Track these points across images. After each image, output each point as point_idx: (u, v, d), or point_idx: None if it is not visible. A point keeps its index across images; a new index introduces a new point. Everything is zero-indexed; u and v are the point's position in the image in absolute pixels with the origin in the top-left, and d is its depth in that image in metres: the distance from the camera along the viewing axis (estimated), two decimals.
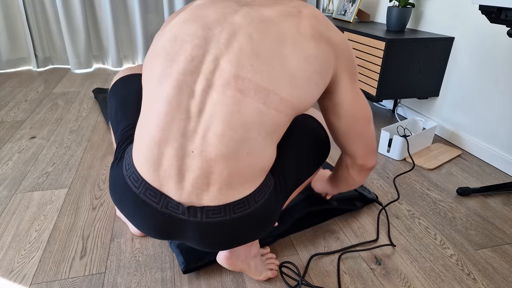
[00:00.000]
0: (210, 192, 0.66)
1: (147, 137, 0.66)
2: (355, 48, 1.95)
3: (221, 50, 0.64)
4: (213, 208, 0.67)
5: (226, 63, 0.63)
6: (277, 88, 0.64)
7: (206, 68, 0.64)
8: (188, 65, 0.65)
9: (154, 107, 0.66)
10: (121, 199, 0.72)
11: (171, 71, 0.65)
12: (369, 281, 0.96)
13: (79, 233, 1.11)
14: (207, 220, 0.67)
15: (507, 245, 1.11)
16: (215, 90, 0.63)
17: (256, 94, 0.63)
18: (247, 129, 0.63)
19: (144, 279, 0.95)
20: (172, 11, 2.87)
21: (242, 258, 0.90)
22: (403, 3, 1.83)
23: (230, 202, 0.67)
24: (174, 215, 0.68)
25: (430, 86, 1.84)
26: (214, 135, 0.63)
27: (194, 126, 0.64)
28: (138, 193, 0.69)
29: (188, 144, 0.64)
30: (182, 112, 0.64)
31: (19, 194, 1.29)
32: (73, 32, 2.77)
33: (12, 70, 2.86)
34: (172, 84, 0.65)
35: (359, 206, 1.24)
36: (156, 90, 0.67)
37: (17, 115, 1.98)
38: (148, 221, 0.70)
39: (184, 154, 0.64)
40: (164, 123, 0.65)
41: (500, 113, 1.55)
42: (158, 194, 0.67)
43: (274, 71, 0.63)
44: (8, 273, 0.96)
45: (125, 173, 0.71)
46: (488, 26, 1.56)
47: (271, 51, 0.64)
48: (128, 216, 0.73)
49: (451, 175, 1.50)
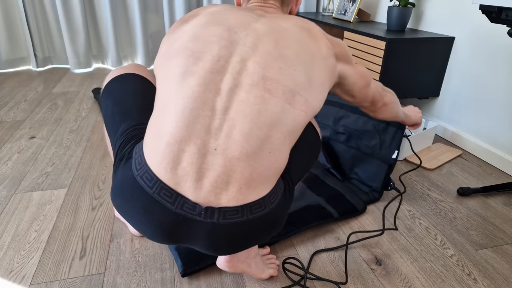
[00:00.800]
0: (229, 191, 0.65)
1: (166, 135, 0.65)
2: (356, 47, 1.95)
3: (248, 53, 0.68)
4: (231, 208, 0.66)
5: (253, 65, 0.67)
6: (302, 90, 0.70)
7: (232, 68, 0.67)
8: (215, 64, 0.67)
9: (175, 104, 0.66)
10: (129, 200, 0.70)
11: (196, 68, 0.67)
12: (369, 282, 0.96)
13: (79, 233, 1.11)
14: (223, 221, 0.66)
15: (507, 245, 1.11)
16: (243, 89, 0.66)
17: (284, 94, 0.67)
18: (272, 128, 0.67)
19: (144, 280, 0.95)
20: (172, 11, 2.87)
21: (242, 259, 0.89)
22: (404, 3, 1.83)
23: (248, 203, 0.67)
24: (189, 217, 0.66)
25: (431, 86, 1.84)
26: (240, 133, 0.64)
27: (219, 123, 0.65)
28: (151, 193, 0.67)
29: (211, 141, 0.64)
30: (208, 109, 0.65)
31: (19, 194, 1.29)
32: (72, 31, 2.77)
33: (11, 70, 2.85)
34: (199, 81, 0.66)
35: (360, 211, 1.23)
36: (178, 87, 0.67)
37: (16, 115, 1.98)
38: (158, 223, 0.68)
39: (206, 151, 0.64)
40: (188, 120, 0.64)
41: (501, 113, 1.55)
42: (174, 194, 0.66)
43: (299, 74, 0.69)
44: (8, 273, 0.96)
45: (136, 172, 0.69)
46: (488, 26, 1.56)
47: (296, 56, 0.70)
48: (134, 219, 0.71)
49: (452, 175, 1.50)
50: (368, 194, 1.32)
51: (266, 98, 0.66)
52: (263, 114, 0.65)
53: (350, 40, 2.00)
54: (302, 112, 0.70)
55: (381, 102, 0.97)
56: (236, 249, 0.73)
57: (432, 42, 1.72)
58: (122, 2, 2.83)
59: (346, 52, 0.83)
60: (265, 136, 0.66)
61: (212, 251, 0.73)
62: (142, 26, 2.85)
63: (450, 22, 1.76)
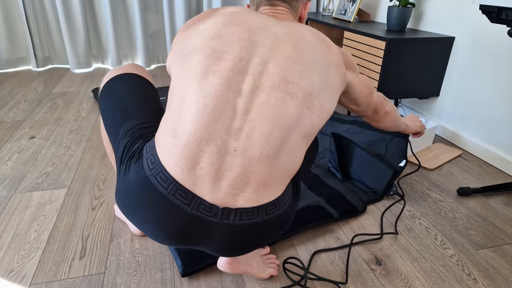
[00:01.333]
0: (246, 192, 0.65)
1: (185, 134, 0.64)
2: (355, 47, 1.95)
3: (269, 55, 0.69)
4: (247, 210, 0.66)
5: (275, 67, 0.68)
6: (319, 94, 0.71)
7: (253, 70, 0.67)
8: (237, 64, 0.67)
9: (196, 102, 0.65)
10: (142, 201, 0.67)
11: (218, 67, 0.66)
12: (369, 282, 0.96)
13: (79, 233, 1.11)
14: (239, 222, 0.66)
15: (507, 245, 1.11)
16: (263, 91, 0.66)
17: (303, 97, 0.68)
18: (291, 130, 0.67)
19: (144, 280, 0.95)
20: (172, 11, 2.87)
21: (243, 260, 0.89)
22: (404, 3, 1.83)
23: (263, 204, 0.67)
24: (204, 218, 0.65)
25: (431, 86, 1.84)
26: (260, 134, 0.64)
27: (240, 124, 0.65)
28: (166, 194, 0.65)
29: (232, 142, 0.64)
30: (229, 109, 0.65)
31: (19, 194, 1.29)
32: (72, 31, 2.77)
33: (11, 70, 2.85)
34: (221, 81, 0.65)
35: (360, 211, 1.23)
36: (199, 85, 0.66)
37: (16, 115, 1.98)
38: (171, 224, 0.66)
39: (226, 152, 0.64)
40: (209, 119, 0.64)
41: (501, 113, 1.55)
42: (190, 195, 0.65)
43: (317, 79, 0.70)
44: (8, 273, 0.96)
45: (149, 172, 0.67)
46: (488, 26, 1.56)
47: (313, 61, 0.71)
48: (145, 220, 0.68)
49: (452, 175, 1.50)
50: (368, 194, 1.32)
51: (287, 100, 0.67)
52: (284, 116, 0.66)
53: (350, 40, 2.00)
54: (318, 116, 0.71)
55: (383, 111, 0.99)
56: (248, 249, 0.73)
57: (432, 42, 1.72)
58: (122, 2, 2.83)
59: (352, 61, 0.85)
60: (285, 138, 0.67)
61: (224, 253, 0.72)
62: (142, 26, 2.84)
63: (450, 22, 1.76)
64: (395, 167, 1.31)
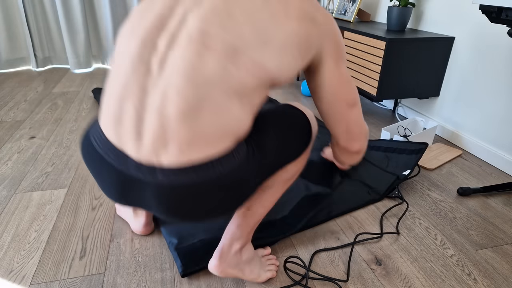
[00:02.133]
0: (169, 150, 0.62)
1: (110, 94, 0.67)
2: (356, 47, 1.95)
3: (191, 7, 0.65)
4: (175, 169, 0.63)
5: (193, 19, 0.64)
6: (249, 49, 0.63)
7: (172, 25, 0.65)
8: (155, 21, 0.66)
9: (118, 64, 0.67)
10: (88, 159, 0.72)
11: (138, 28, 0.67)
12: (369, 282, 0.96)
13: (79, 233, 1.11)
14: (168, 182, 0.63)
15: (507, 245, 1.11)
16: (179, 44, 0.63)
17: (224, 51, 0.62)
18: (211, 86, 0.62)
19: (144, 280, 0.95)
20: None
21: (233, 265, 0.88)
22: (404, 3, 1.83)
23: (193, 165, 0.63)
24: (134, 176, 0.65)
25: (431, 86, 1.84)
26: (175, 91, 0.61)
27: (154, 81, 0.63)
28: (100, 151, 0.68)
29: (147, 99, 0.63)
30: (143, 67, 0.64)
31: (19, 194, 1.29)
32: (72, 32, 2.77)
33: (11, 70, 2.85)
34: (138, 39, 0.66)
35: (361, 204, 1.24)
36: (122, 47, 0.68)
37: (16, 115, 1.98)
38: (109, 181, 0.69)
39: (142, 109, 0.63)
40: (126, 78, 0.65)
41: (501, 113, 1.55)
42: (119, 153, 0.66)
43: (247, 30, 0.63)
44: (8, 273, 0.96)
45: (90, 131, 0.72)
46: (488, 26, 1.56)
47: (246, 13, 0.64)
48: (95, 177, 0.73)
49: (452, 175, 1.50)
50: (369, 194, 1.32)
51: (203, 54, 0.61)
52: (200, 72, 0.61)
53: (350, 40, 2.00)
54: (248, 74, 0.64)
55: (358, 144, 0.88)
56: (192, 215, 0.69)
57: (432, 42, 1.72)
58: (122, 2, 2.83)
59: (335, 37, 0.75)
60: (203, 95, 0.61)
61: (166, 215, 0.70)
62: None
63: (450, 22, 1.76)
64: (398, 174, 1.33)
